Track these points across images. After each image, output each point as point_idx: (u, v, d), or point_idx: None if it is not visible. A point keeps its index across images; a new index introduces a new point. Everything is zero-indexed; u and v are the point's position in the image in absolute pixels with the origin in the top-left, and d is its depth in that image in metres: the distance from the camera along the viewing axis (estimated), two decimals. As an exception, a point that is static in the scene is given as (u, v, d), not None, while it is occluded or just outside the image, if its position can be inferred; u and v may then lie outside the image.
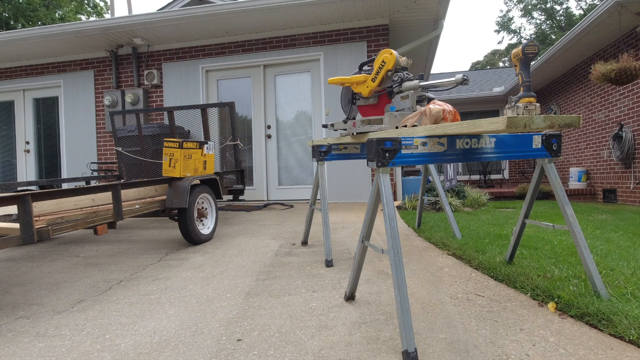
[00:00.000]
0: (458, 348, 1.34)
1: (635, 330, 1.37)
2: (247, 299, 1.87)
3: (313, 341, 1.42)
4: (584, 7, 22.08)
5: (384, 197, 1.40)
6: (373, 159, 1.39)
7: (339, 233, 3.34)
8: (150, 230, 3.87)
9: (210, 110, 4.32)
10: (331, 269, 2.32)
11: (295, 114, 6.00)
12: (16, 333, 1.56)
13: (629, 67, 4.29)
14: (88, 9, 18.65)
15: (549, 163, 1.78)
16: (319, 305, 1.77)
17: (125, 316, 1.71)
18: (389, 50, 2.08)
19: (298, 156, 5.93)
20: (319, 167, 2.62)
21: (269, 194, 5.95)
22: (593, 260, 1.72)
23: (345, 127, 2.47)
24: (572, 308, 1.60)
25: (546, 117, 1.27)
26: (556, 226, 1.87)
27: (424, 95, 2.00)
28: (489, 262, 2.25)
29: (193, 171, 3.20)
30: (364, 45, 5.52)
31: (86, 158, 6.36)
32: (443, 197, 3.21)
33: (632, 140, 5.65)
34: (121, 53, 6.36)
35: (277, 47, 5.83)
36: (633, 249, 2.59)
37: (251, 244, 3.05)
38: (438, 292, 1.89)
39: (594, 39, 5.98)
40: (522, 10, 25.10)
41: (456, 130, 1.37)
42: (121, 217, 2.42)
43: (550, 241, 2.80)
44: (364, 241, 1.65)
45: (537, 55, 1.54)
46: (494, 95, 10.02)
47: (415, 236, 3.20)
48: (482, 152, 1.61)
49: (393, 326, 1.52)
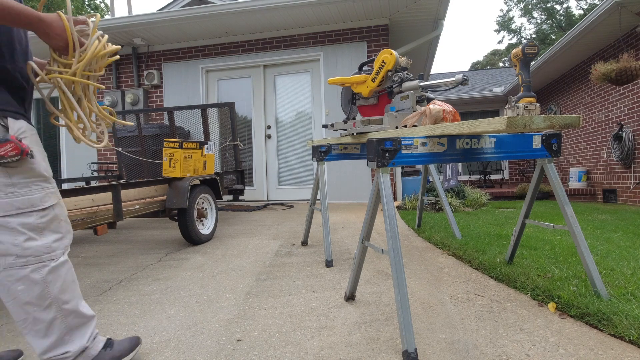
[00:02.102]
0: (458, 348, 1.34)
1: (636, 330, 1.37)
2: (247, 299, 1.87)
3: (313, 341, 1.42)
4: (584, 7, 22.08)
5: (384, 197, 1.40)
6: (373, 159, 1.39)
7: (339, 233, 3.34)
8: (150, 231, 3.87)
9: (210, 111, 4.32)
10: (331, 269, 2.32)
11: (295, 114, 6.00)
12: (16, 333, 1.56)
13: (629, 67, 4.29)
14: (89, 10, 18.66)
15: (549, 163, 1.78)
16: (319, 305, 1.77)
17: (125, 316, 1.71)
18: (389, 51, 2.09)
19: (298, 156, 5.93)
20: (319, 167, 2.62)
21: (269, 194, 5.95)
22: (593, 260, 1.72)
23: (345, 127, 2.47)
24: (572, 308, 1.60)
25: (546, 117, 1.27)
26: (556, 226, 1.87)
27: (424, 95, 2.00)
28: (489, 262, 2.25)
29: (193, 171, 3.20)
30: (364, 46, 5.52)
31: (86, 158, 6.35)
32: (443, 197, 3.21)
33: (632, 140, 5.65)
34: (121, 53, 6.36)
35: (277, 47, 5.83)
36: (633, 249, 2.59)
37: (251, 244, 3.05)
38: (438, 292, 1.89)
39: (594, 39, 5.98)
40: (522, 10, 25.09)
41: (456, 131, 1.37)
42: (121, 217, 2.42)
43: (550, 241, 2.80)
44: (364, 241, 1.65)
45: (537, 55, 1.54)
46: (494, 95, 10.02)
47: (415, 236, 3.20)
48: (482, 152, 1.61)
49: (393, 326, 1.52)
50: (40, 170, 1.12)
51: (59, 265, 1.13)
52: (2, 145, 1.00)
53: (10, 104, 1.10)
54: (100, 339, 1.24)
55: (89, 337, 1.19)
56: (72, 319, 1.14)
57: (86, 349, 1.17)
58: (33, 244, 1.08)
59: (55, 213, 1.14)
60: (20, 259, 1.06)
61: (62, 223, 1.17)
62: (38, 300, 1.08)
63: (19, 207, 1.06)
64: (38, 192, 1.10)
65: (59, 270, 1.12)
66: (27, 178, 1.08)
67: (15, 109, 1.12)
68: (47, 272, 1.09)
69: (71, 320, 1.14)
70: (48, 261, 1.10)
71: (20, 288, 1.06)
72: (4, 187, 1.04)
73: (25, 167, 1.07)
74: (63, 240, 1.16)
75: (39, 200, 1.10)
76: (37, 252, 1.08)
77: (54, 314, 1.10)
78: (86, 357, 1.17)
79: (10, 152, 1.01)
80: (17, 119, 1.10)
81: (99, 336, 1.24)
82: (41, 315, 1.09)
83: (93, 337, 1.20)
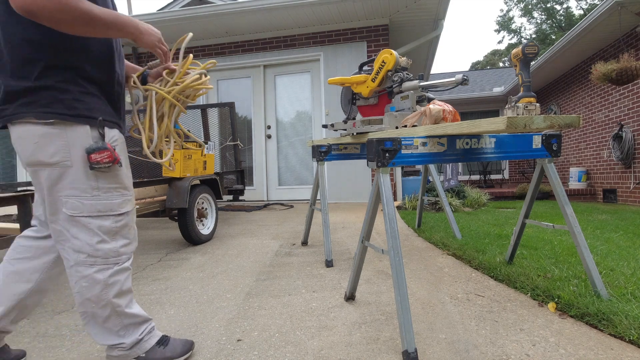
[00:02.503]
0: (458, 348, 1.34)
1: (636, 330, 1.37)
2: (247, 299, 1.87)
3: (313, 341, 1.42)
4: (584, 7, 22.07)
5: (384, 197, 1.40)
6: (373, 159, 1.39)
7: (339, 233, 3.34)
8: (150, 231, 3.87)
9: (210, 111, 4.31)
10: (331, 269, 2.32)
11: (295, 114, 6.00)
12: (16, 333, 1.56)
13: (630, 67, 4.28)
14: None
15: (549, 163, 1.78)
16: (319, 305, 1.77)
17: (125, 316, 1.71)
18: (389, 51, 2.08)
19: (298, 156, 5.93)
20: (319, 167, 2.62)
21: (269, 194, 5.95)
22: (593, 260, 1.72)
23: (345, 127, 2.47)
24: (572, 308, 1.60)
25: (546, 117, 1.27)
26: (556, 226, 1.87)
27: (424, 95, 2.00)
28: (489, 262, 2.25)
29: (193, 171, 3.20)
30: (364, 46, 5.52)
31: (86, 158, 6.35)
32: (443, 197, 3.21)
33: (632, 140, 5.64)
34: (121, 53, 6.35)
35: (277, 47, 5.83)
36: (633, 249, 2.59)
37: (251, 244, 3.05)
38: (438, 292, 1.89)
39: (594, 39, 5.97)
40: (522, 10, 25.07)
41: (456, 131, 1.37)
42: (121, 217, 2.42)
43: (550, 241, 2.80)
44: (364, 241, 1.65)
45: (537, 55, 1.54)
46: (494, 95, 10.02)
47: (415, 236, 3.20)
48: (482, 152, 1.61)
49: (393, 326, 1.52)
50: (123, 178, 1.20)
51: (121, 270, 1.19)
52: (100, 152, 1.09)
53: (109, 114, 1.17)
54: (156, 334, 1.28)
55: (143, 331, 1.24)
56: (126, 318, 1.20)
57: (140, 341, 1.23)
58: (104, 246, 1.14)
59: (128, 220, 1.21)
60: (90, 259, 1.13)
61: (132, 230, 1.24)
62: (97, 299, 1.15)
63: (99, 210, 1.14)
64: (117, 198, 1.17)
65: (120, 275, 1.18)
66: (110, 184, 1.16)
67: (112, 118, 1.19)
68: (110, 274, 1.16)
69: (125, 319, 1.20)
70: (113, 265, 1.16)
71: (84, 285, 1.14)
72: (90, 190, 1.12)
73: (112, 174, 1.15)
74: (129, 246, 1.22)
75: (117, 205, 1.17)
76: (105, 254, 1.15)
77: (109, 312, 1.17)
78: (140, 348, 1.23)
79: (106, 159, 1.10)
80: (112, 128, 1.18)
81: (156, 331, 1.29)
82: (98, 311, 1.16)
83: (148, 332, 1.26)
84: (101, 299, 1.15)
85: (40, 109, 1.05)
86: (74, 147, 1.09)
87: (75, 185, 1.10)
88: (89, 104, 1.11)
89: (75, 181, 1.10)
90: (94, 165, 1.09)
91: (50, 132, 1.07)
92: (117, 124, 1.20)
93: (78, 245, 1.12)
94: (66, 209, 1.11)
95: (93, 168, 1.10)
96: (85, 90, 1.11)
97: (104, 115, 1.14)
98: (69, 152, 1.08)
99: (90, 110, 1.11)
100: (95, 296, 1.14)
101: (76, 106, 1.08)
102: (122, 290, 1.18)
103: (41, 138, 1.06)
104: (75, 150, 1.09)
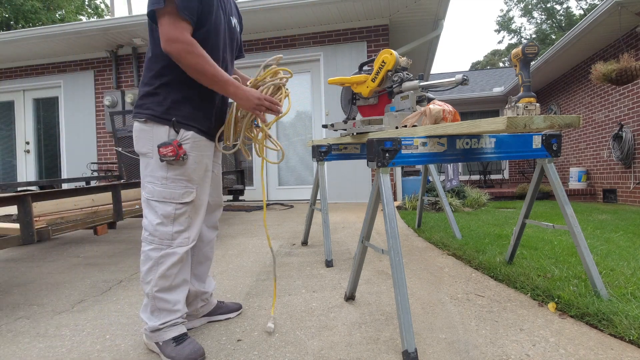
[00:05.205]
0: (458, 348, 1.34)
1: (636, 330, 1.37)
2: (247, 299, 1.87)
3: (313, 341, 1.42)
4: (584, 7, 22.07)
5: (384, 197, 1.40)
6: (373, 159, 1.39)
7: (339, 233, 3.34)
8: (150, 231, 3.86)
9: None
10: (331, 269, 2.32)
11: (295, 114, 6.00)
12: (16, 333, 1.56)
13: (630, 67, 4.28)
14: (89, 10, 18.66)
15: (549, 163, 1.78)
16: (319, 305, 1.77)
17: (126, 316, 1.71)
18: (389, 51, 2.08)
19: (298, 156, 5.93)
20: (319, 167, 2.62)
21: (269, 194, 5.95)
22: (593, 260, 1.72)
23: (345, 127, 2.47)
24: (572, 308, 1.60)
25: (546, 117, 1.27)
26: (556, 226, 1.87)
27: (424, 95, 2.00)
28: (489, 262, 2.25)
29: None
30: (364, 46, 5.52)
31: (86, 158, 6.35)
32: (443, 197, 3.21)
33: (632, 140, 5.65)
34: (121, 53, 6.36)
35: (277, 47, 5.83)
36: (633, 249, 2.59)
37: (251, 244, 3.05)
38: (438, 292, 1.89)
39: (594, 39, 5.98)
40: (522, 10, 25.07)
41: (456, 131, 1.37)
42: (121, 217, 2.43)
43: (550, 241, 2.80)
44: (364, 241, 1.65)
45: (537, 55, 1.54)
46: (494, 95, 10.02)
47: (415, 236, 3.20)
48: (482, 152, 1.61)
49: (393, 326, 1.52)
50: (189, 172, 1.34)
51: (171, 253, 1.33)
52: (165, 147, 1.28)
53: (190, 119, 1.35)
54: (177, 329, 1.35)
55: (167, 322, 1.33)
56: (159, 302, 1.33)
57: (158, 330, 1.32)
58: (163, 228, 1.32)
59: (187, 209, 1.35)
60: (150, 237, 1.32)
61: (189, 220, 1.37)
62: (145, 273, 1.33)
63: (165, 196, 1.32)
64: (181, 189, 1.33)
65: (169, 258, 1.32)
66: (177, 176, 1.32)
67: (192, 123, 1.36)
68: (160, 255, 1.32)
69: (158, 302, 1.32)
70: (166, 247, 1.32)
71: (142, 258, 1.34)
72: (161, 179, 1.31)
73: (179, 166, 1.32)
74: (182, 233, 1.35)
75: (180, 195, 1.33)
76: (162, 235, 1.32)
77: (149, 290, 1.32)
78: (158, 337, 1.33)
79: (169, 153, 1.28)
80: (189, 130, 1.35)
81: (180, 326, 1.36)
82: (143, 286, 1.34)
83: (171, 324, 1.34)
84: (148, 274, 1.31)
85: (139, 109, 1.34)
86: (155, 142, 1.30)
87: (153, 173, 1.32)
88: (182, 111, 1.33)
89: (153, 170, 1.32)
90: (163, 158, 1.28)
91: (144, 128, 1.33)
92: (196, 128, 1.36)
93: (146, 224, 1.33)
94: (145, 192, 1.34)
95: (162, 160, 1.29)
96: (180, 99, 1.34)
97: (184, 119, 1.33)
98: (152, 145, 1.31)
99: (175, 115, 1.32)
100: (145, 271, 1.32)
101: (166, 111, 1.31)
102: (167, 272, 1.31)
103: (140, 132, 1.34)
104: (155, 145, 1.30)
